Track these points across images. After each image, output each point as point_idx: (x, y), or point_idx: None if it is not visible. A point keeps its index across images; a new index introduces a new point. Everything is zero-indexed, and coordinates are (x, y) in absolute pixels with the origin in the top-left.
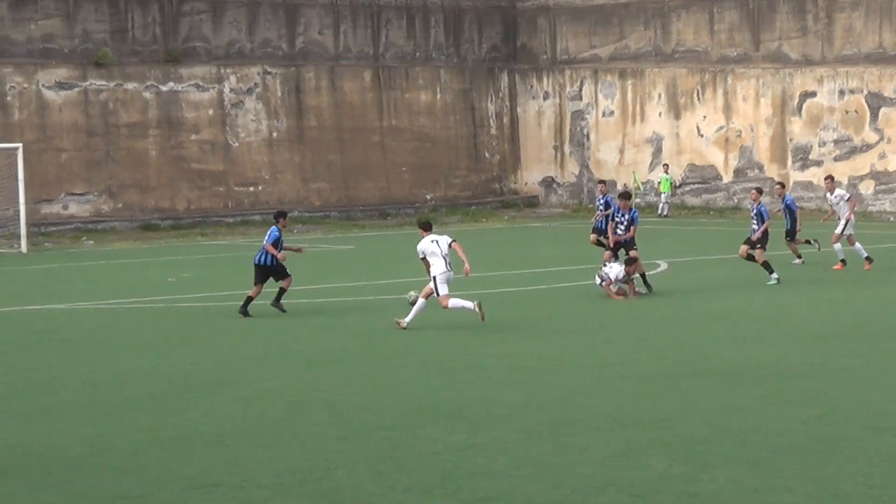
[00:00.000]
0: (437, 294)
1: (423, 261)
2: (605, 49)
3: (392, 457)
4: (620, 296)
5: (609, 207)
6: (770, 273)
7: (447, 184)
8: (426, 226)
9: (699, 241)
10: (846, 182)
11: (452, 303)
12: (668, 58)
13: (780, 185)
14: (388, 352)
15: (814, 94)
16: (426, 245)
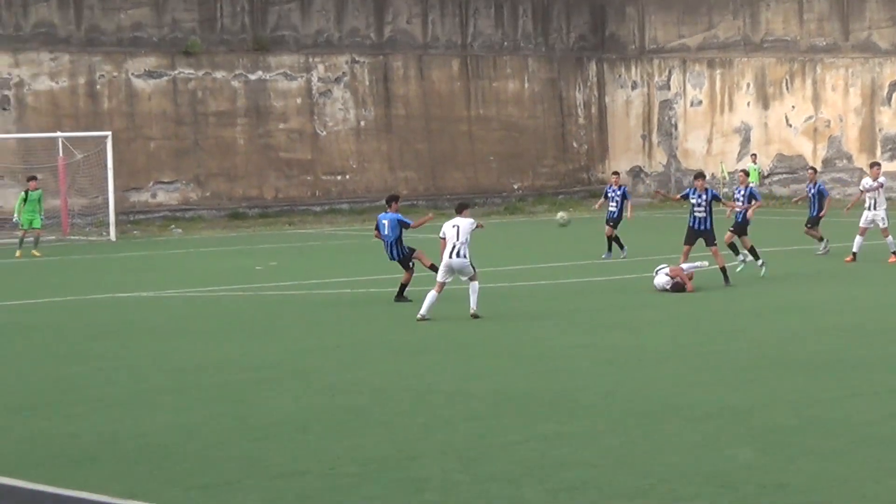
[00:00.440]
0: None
1: (442, 241)
2: (694, 38)
3: (478, 446)
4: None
5: (626, 198)
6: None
7: (534, 173)
8: (458, 208)
9: (785, 232)
10: None
11: (429, 296)
12: (757, 47)
13: (813, 170)
14: (474, 341)
15: None
16: (446, 227)
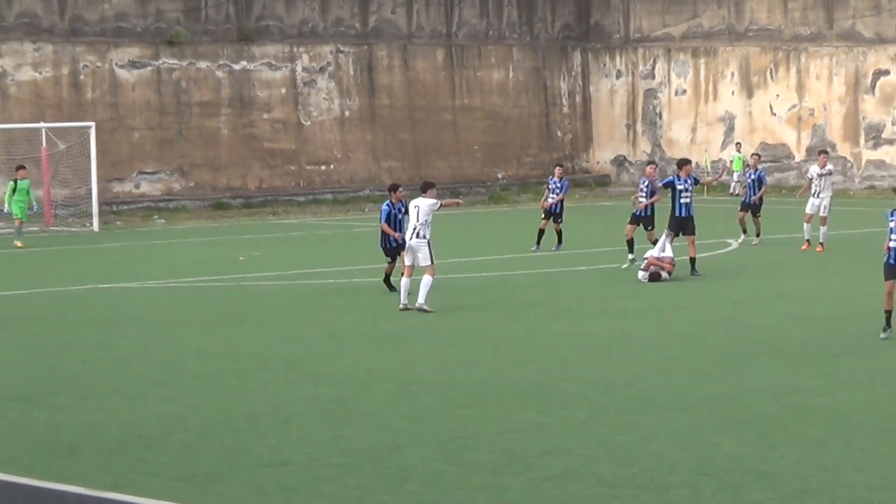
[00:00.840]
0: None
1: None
2: (678, 27)
3: (461, 435)
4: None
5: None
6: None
7: (519, 162)
8: (422, 187)
9: (770, 220)
10: None
11: (403, 283)
12: (741, 36)
13: (756, 157)
14: (458, 331)
15: (887, 73)
16: (410, 208)
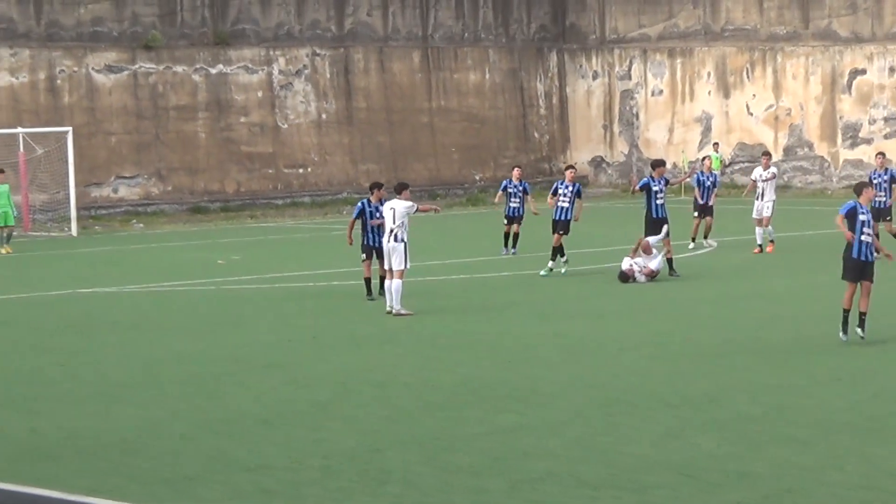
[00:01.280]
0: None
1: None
2: (654, 28)
3: (441, 438)
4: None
5: (527, 193)
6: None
7: (496, 164)
8: (397, 188)
9: (748, 220)
10: None
11: (386, 285)
12: (718, 36)
13: (708, 158)
14: (437, 333)
15: (864, 72)
16: (384, 208)
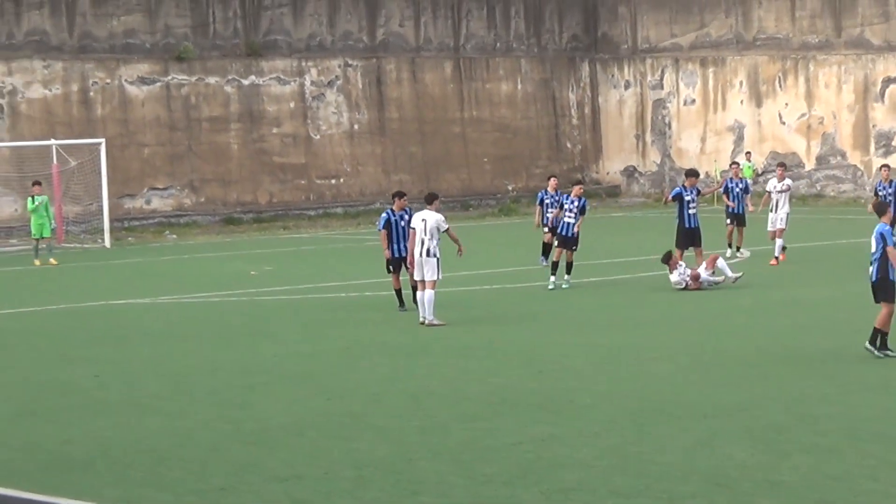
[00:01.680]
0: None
1: (412, 231)
2: (686, 37)
3: (474, 448)
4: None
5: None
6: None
7: (528, 174)
8: (427, 198)
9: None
10: None
11: (418, 296)
12: (750, 45)
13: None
14: (470, 343)
15: None
16: (415, 219)
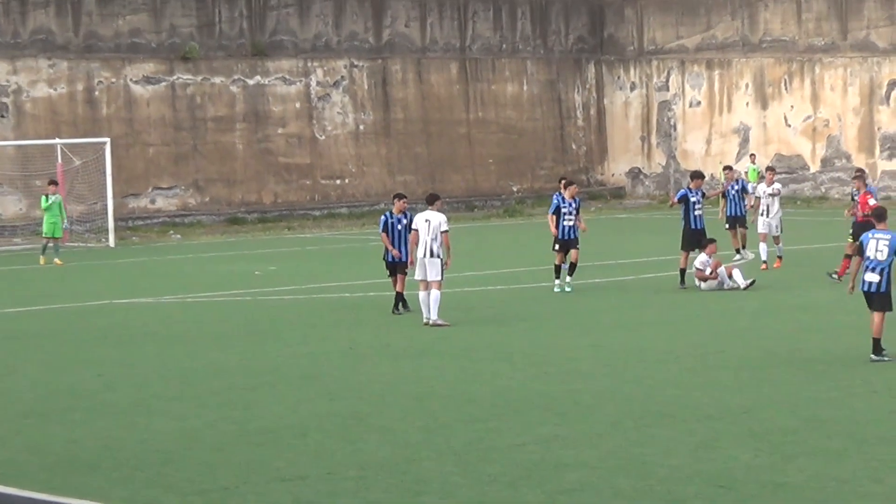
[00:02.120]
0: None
1: (413, 232)
2: (692, 39)
3: (477, 448)
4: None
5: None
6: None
7: (534, 175)
8: (428, 199)
9: (786, 232)
10: None
11: (422, 297)
12: (756, 48)
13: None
14: (474, 344)
15: None
16: (418, 220)
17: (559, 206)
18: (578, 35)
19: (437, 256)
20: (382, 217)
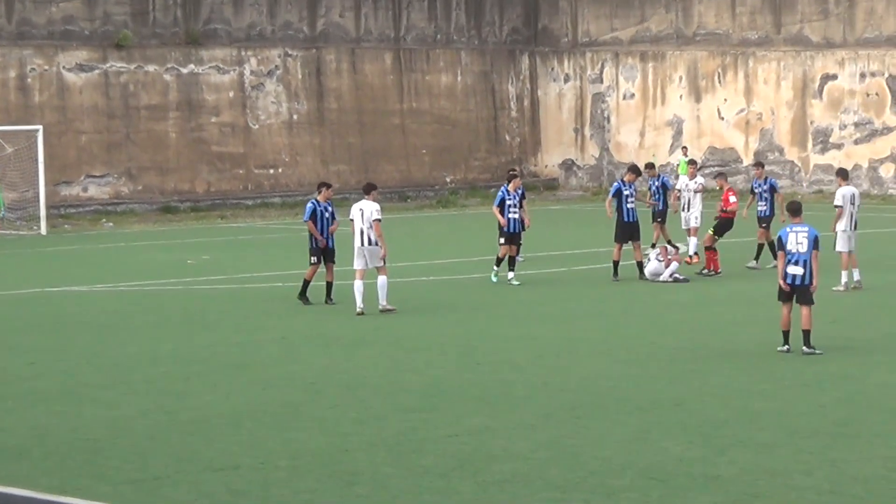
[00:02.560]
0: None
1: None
2: (626, 32)
3: (410, 439)
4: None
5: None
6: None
7: (467, 166)
8: (365, 188)
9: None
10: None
11: (357, 286)
12: (689, 41)
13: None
14: (408, 335)
15: (835, 77)
16: (353, 210)
17: (504, 199)
18: (513, 26)
19: (375, 244)
20: (309, 205)
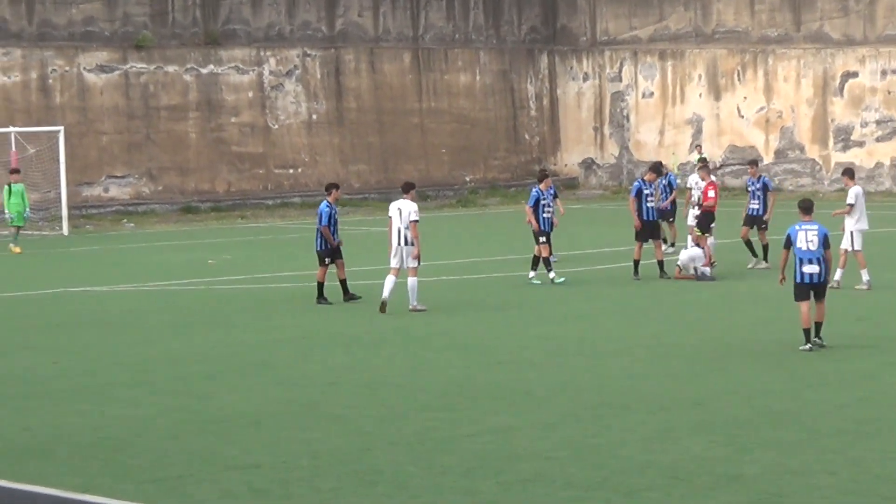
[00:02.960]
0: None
1: (389, 220)
2: (645, 30)
3: (431, 438)
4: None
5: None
6: (754, 256)
7: (486, 165)
8: (404, 187)
9: (737, 224)
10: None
11: (388, 279)
12: (709, 38)
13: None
14: (429, 334)
15: (856, 75)
16: (392, 208)
17: (538, 198)
18: (531, 25)
19: (411, 244)
20: (326, 209)
